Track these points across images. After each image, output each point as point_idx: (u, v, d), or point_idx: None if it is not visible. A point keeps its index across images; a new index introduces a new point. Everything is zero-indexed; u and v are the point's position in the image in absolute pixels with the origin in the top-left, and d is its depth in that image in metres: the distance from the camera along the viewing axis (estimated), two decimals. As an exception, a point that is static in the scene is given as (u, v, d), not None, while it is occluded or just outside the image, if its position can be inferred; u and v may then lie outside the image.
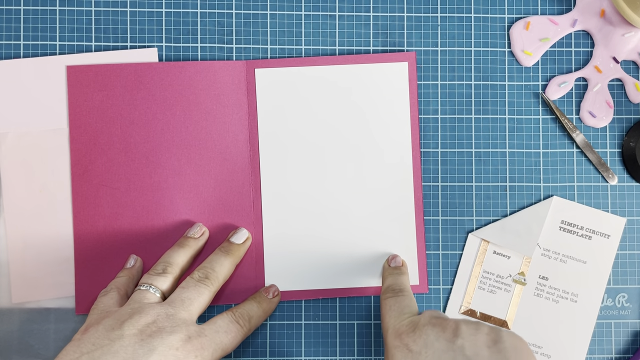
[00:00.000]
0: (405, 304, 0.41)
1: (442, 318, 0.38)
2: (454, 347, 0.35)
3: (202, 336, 0.39)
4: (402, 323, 0.38)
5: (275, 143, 0.48)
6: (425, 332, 0.36)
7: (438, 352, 0.35)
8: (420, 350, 0.36)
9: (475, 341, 0.36)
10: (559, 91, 0.49)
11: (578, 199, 0.49)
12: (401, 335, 0.37)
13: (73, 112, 0.47)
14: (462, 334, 0.36)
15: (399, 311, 0.40)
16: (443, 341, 0.36)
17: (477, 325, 0.37)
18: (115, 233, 0.46)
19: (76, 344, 0.37)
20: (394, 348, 0.37)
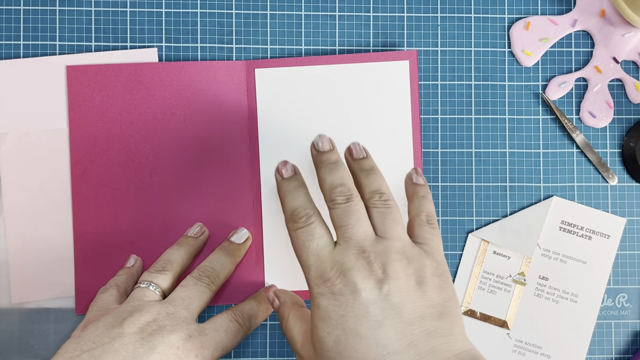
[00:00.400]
0: (318, 235, 0.36)
1: (367, 257, 0.34)
2: (381, 294, 0.33)
3: (203, 335, 0.39)
4: (324, 267, 0.35)
5: (275, 143, 0.48)
6: (352, 277, 0.34)
7: (366, 303, 0.33)
8: (347, 298, 0.34)
9: (401, 284, 0.34)
10: (559, 91, 0.49)
11: (578, 199, 0.49)
12: (325, 283, 0.34)
13: (73, 112, 0.47)
14: (389, 278, 0.34)
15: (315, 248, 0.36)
16: (370, 289, 0.33)
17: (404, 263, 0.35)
18: (115, 233, 0.46)
19: (76, 340, 0.37)
20: (319, 295, 0.34)
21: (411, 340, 0.33)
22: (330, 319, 0.34)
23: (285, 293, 0.42)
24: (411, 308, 0.33)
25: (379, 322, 0.33)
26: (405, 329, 0.33)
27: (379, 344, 0.33)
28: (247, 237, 0.46)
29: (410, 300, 0.34)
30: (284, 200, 0.39)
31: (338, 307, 0.34)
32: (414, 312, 0.33)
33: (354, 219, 0.36)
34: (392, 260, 0.34)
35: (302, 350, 0.37)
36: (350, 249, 0.35)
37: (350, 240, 0.35)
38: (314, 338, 0.35)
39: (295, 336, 0.38)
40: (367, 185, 0.38)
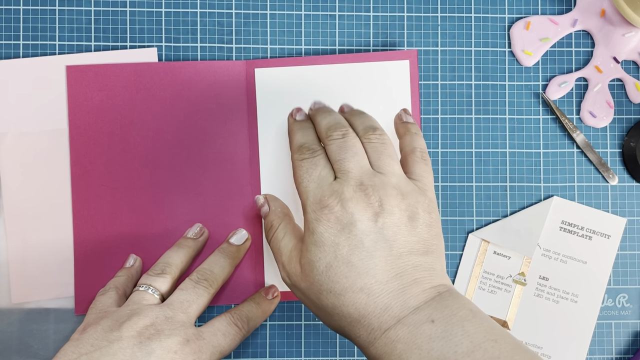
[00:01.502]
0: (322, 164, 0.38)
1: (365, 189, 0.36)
2: (376, 227, 0.35)
3: (200, 339, 0.39)
4: (324, 194, 0.36)
5: (275, 143, 0.47)
6: (350, 207, 0.35)
7: (361, 234, 0.35)
8: (343, 227, 0.35)
9: (395, 219, 0.35)
10: (559, 91, 0.49)
11: (578, 199, 0.49)
12: (323, 209, 0.35)
13: (73, 112, 0.47)
14: (385, 211, 0.35)
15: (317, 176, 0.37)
16: (366, 221, 0.35)
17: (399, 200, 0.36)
18: (115, 233, 0.46)
19: (75, 343, 0.37)
20: (315, 220, 0.36)
21: (398, 272, 0.35)
22: (324, 244, 0.35)
23: (277, 201, 0.42)
24: (401, 242, 0.35)
25: (371, 253, 0.35)
26: (394, 261, 0.35)
27: (368, 274, 0.34)
28: (247, 239, 0.46)
29: (402, 234, 0.35)
30: (294, 135, 0.40)
31: (333, 235, 0.35)
32: (404, 247, 0.35)
33: (350, 153, 0.37)
34: (389, 194, 0.36)
35: (288, 265, 0.38)
36: (349, 181, 0.36)
37: (348, 173, 0.37)
38: (304, 260, 0.36)
39: (282, 248, 0.39)
40: (361, 123, 0.40)
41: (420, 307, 0.34)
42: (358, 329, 0.35)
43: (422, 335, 0.33)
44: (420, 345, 0.33)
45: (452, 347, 0.32)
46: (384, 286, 0.34)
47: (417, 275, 0.35)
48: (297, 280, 0.37)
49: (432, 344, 0.33)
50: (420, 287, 0.35)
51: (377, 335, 0.34)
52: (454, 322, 0.33)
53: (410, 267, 0.35)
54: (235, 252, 0.45)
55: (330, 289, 0.35)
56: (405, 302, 0.34)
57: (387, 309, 0.34)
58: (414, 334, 0.33)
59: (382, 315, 0.34)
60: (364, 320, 0.35)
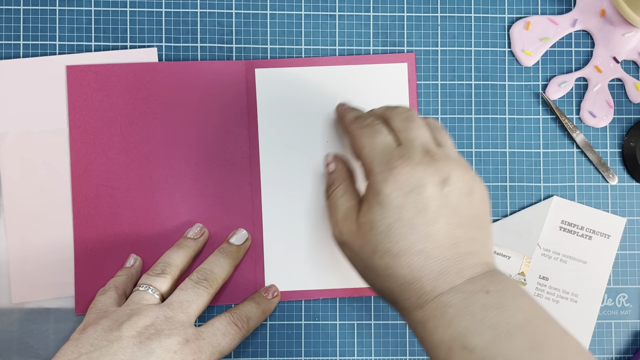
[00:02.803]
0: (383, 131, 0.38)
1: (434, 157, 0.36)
2: (442, 194, 0.36)
3: (200, 339, 0.39)
4: (390, 157, 0.37)
5: (275, 143, 0.48)
6: (419, 172, 0.36)
7: (427, 198, 0.35)
8: (411, 190, 0.35)
9: (459, 189, 0.36)
10: (559, 91, 0.49)
11: (578, 199, 0.49)
12: (391, 170, 0.36)
13: (73, 112, 0.47)
14: (451, 181, 0.36)
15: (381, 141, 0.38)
16: (433, 186, 0.36)
17: (462, 172, 0.37)
18: (115, 233, 0.46)
19: (74, 343, 0.37)
20: (383, 182, 0.36)
21: (456, 241, 0.35)
22: (389, 205, 0.35)
23: (343, 162, 0.42)
24: (462, 213, 0.36)
25: (434, 218, 0.35)
26: (454, 230, 0.36)
27: (430, 238, 0.35)
28: (247, 239, 0.46)
29: (463, 206, 0.36)
30: (347, 113, 0.42)
31: (400, 197, 0.35)
32: (464, 217, 0.36)
33: (416, 124, 0.38)
34: (453, 165, 0.37)
35: (343, 223, 0.39)
36: (417, 147, 0.37)
37: (414, 140, 0.37)
38: (364, 219, 0.37)
39: (339, 205, 0.40)
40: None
41: (475, 278, 0.35)
42: (408, 292, 0.35)
43: (476, 303, 0.33)
44: (474, 312, 0.33)
45: (506, 318, 0.33)
46: (442, 252, 0.35)
47: (473, 248, 0.36)
48: (351, 239, 0.38)
49: (486, 313, 0.33)
50: (475, 259, 0.35)
51: (428, 299, 0.35)
52: (508, 297, 0.34)
53: (468, 238, 0.36)
54: (235, 252, 0.45)
55: (387, 249, 0.35)
56: (461, 271, 0.35)
57: (442, 274, 0.35)
58: (468, 301, 0.34)
59: (437, 280, 0.35)
60: (416, 283, 0.35)
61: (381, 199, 0.36)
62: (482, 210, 0.37)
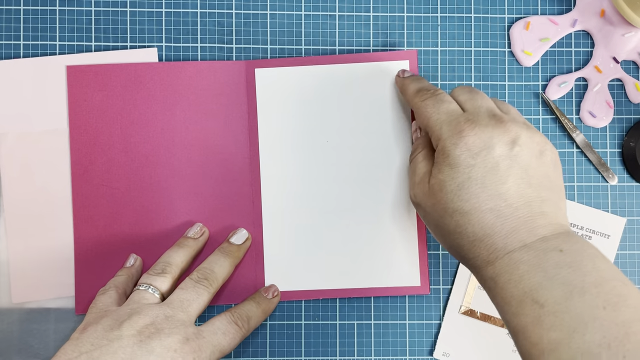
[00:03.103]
0: (447, 100, 0.40)
1: (501, 119, 0.37)
2: (511, 154, 0.36)
3: (200, 338, 0.39)
4: (458, 121, 0.38)
5: (275, 143, 0.48)
6: (487, 133, 0.37)
7: (497, 157, 0.36)
8: (480, 150, 0.36)
9: (528, 150, 0.37)
10: (559, 91, 0.49)
11: (578, 199, 0.49)
12: (460, 133, 0.37)
13: (73, 112, 0.47)
14: (520, 141, 0.37)
15: (446, 109, 0.39)
16: (502, 146, 0.36)
17: (532, 132, 0.38)
18: (115, 233, 0.46)
19: (74, 342, 0.37)
20: (452, 144, 0.37)
21: (527, 200, 0.36)
22: (459, 165, 0.37)
23: (426, 136, 0.43)
24: (533, 173, 0.37)
25: (504, 177, 0.36)
26: (525, 189, 0.36)
27: (500, 196, 0.36)
28: (247, 238, 0.46)
29: (533, 166, 0.37)
30: (408, 86, 0.43)
31: (469, 157, 0.36)
32: (535, 178, 0.36)
33: (480, 95, 0.40)
34: (522, 127, 0.38)
35: (418, 186, 0.40)
36: (483, 112, 0.38)
37: (480, 107, 0.39)
38: (434, 180, 0.38)
39: (417, 169, 0.41)
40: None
41: (548, 237, 0.35)
42: (478, 248, 0.36)
43: (549, 261, 0.33)
44: (546, 269, 0.33)
45: (580, 276, 0.32)
46: (513, 211, 0.35)
47: (545, 208, 0.36)
48: (423, 199, 0.39)
49: (559, 270, 0.33)
50: (547, 219, 0.36)
51: (499, 255, 0.35)
52: (583, 256, 0.33)
53: (539, 199, 0.36)
54: (236, 252, 0.45)
55: (458, 208, 0.36)
56: (533, 229, 0.35)
57: (513, 231, 0.35)
58: (540, 258, 0.34)
59: (508, 237, 0.35)
60: (487, 240, 0.36)
61: (451, 161, 0.37)
62: (554, 172, 0.38)
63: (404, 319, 0.48)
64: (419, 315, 0.48)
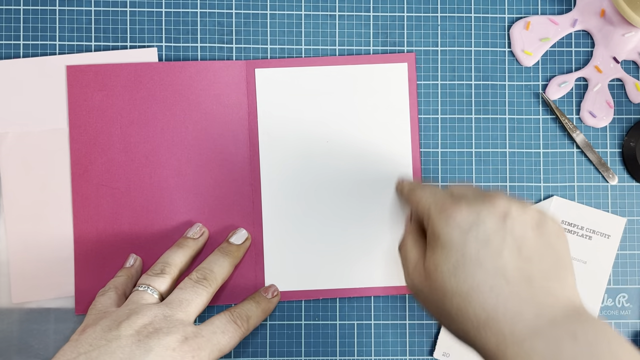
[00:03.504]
0: (435, 188, 0.40)
1: (489, 194, 0.37)
2: (504, 227, 0.35)
3: (199, 337, 0.39)
4: (445, 200, 0.37)
5: (275, 143, 0.48)
6: (476, 208, 0.35)
7: (489, 232, 0.35)
8: (470, 226, 0.35)
9: (523, 222, 0.35)
10: (559, 91, 0.49)
11: (578, 199, 0.49)
12: (447, 210, 0.36)
13: (73, 112, 0.47)
14: (512, 214, 0.35)
15: (433, 192, 0.39)
16: (493, 219, 0.35)
17: (524, 205, 0.36)
18: (115, 233, 0.46)
19: (74, 344, 0.37)
20: (441, 223, 0.36)
21: (528, 276, 0.34)
22: (451, 245, 0.35)
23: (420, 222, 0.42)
24: (530, 245, 0.34)
25: (499, 251, 0.34)
26: (524, 264, 0.34)
27: (497, 273, 0.34)
28: (246, 238, 0.46)
29: (530, 238, 0.35)
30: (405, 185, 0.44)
31: (460, 234, 0.35)
32: (533, 250, 0.34)
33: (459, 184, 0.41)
34: (510, 201, 0.36)
35: (413, 272, 0.38)
36: (469, 191, 0.38)
37: (467, 188, 0.39)
38: (428, 263, 0.36)
39: (410, 257, 0.39)
40: None
41: (559, 320, 0.32)
42: (486, 334, 0.33)
43: (563, 352, 0.31)
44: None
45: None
46: (513, 288, 0.33)
47: (549, 284, 0.34)
48: (421, 285, 0.37)
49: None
50: (553, 297, 0.33)
51: (508, 344, 0.32)
52: (599, 343, 0.31)
53: (541, 274, 0.34)
54: (235, 252, 0.45)
55: (456, 290, 0.34)
56: (540, 311, 0.33)
57: (518, 315, 0.33)
58: (554, 349, 0.31)
59: (514, 322, 0.32)
60: (492, 324, 0.33)
61: (442, 241, 0.35)
62: (557, 242, 0.35)
63: (404, 319, 0.48)
64: (419, 315, 0.48)
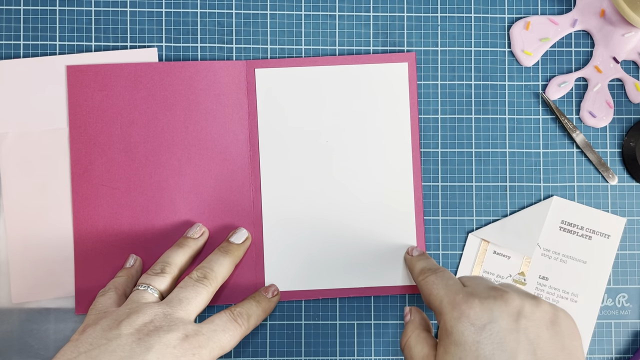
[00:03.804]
0: (447, 276, 0.40)
1: (501, 290, 0.36)
2: (518, 327, 0.34)
3: (200, 335, 0.39)
4: (458, 295, 0.37)
5: (275, 143, 0.48)
6: (488, 305, 0.35)
7: (503, 332, 0.34)
8: (484, 325, 0.34)
9: (536, 321, 0.35)
10: (559, 91, 0.49)
11: (578, 199, 0.49)
12: (460, 307, 0.35)
13: (73, 112, 0.47)
14: (525, 312, 0.35)
15: (445, 284, 0.38)
16: (507, 318, 0.35)
17: (537, 302, 0.36)
18: (115, 233, 0.46)
19: (74, 344, 0.37)
20: (454, 320, 0.35)
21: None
22: (465, 343, 0.34)
23: (419, 313, 0.42)
24: (545, 346, 0.34)
25: (514, 354, 0.34)
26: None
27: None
28: (247, 237, 0.46)
29: (544, 339, 0.34)
30: (415, 264, 0.44)
31: (474, 333, 0.34)
32: (548, 352, 0.34)
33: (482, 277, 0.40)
34: (523, 298, 0.36)
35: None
36: (482, 285, 0.37)
37: (480, 282, 0.38)
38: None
39: (415, 354, 0.38)
40: None
41: None
42: None
43: None
44: None
45: None
46: None
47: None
48: None
49: None
50: None
51: None
52: None
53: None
54: (235, 251, 0.45)
55: None
56: None
57: None
58: None
59: None
60: None
61: (456, 339, 0.35)
62: (571, 343, 0.35)
63: (404, 319, 0.48)
64: (419, 315, 0.48)
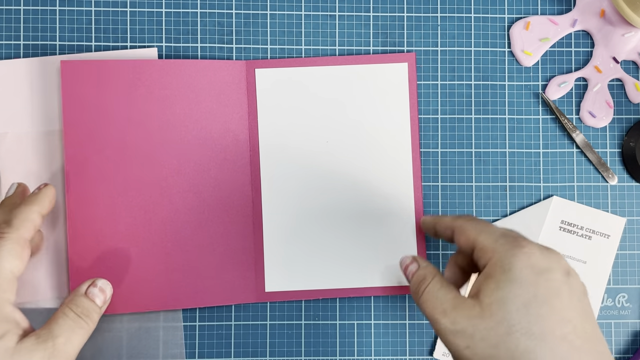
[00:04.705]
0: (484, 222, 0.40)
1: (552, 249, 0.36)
2: (569, 282, 0.35)
3: None
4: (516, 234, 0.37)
5: (275, 143, 0.48)
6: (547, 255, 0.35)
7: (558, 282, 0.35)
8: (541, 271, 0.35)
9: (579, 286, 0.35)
10: (559, 91, 0.49)
11: (578, 199, 0.49)
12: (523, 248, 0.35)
13: (67, 108, 0.46)
14: (572, 273, 0.35)
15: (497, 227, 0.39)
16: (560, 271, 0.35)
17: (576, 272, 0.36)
18: (111, 233, 0.46)
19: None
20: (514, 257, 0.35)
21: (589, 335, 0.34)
22: (523, 282, 0.34)
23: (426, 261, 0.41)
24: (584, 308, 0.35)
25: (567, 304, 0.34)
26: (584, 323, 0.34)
27: (570, 322, 0.34)
28: (17, 186, 0.43)
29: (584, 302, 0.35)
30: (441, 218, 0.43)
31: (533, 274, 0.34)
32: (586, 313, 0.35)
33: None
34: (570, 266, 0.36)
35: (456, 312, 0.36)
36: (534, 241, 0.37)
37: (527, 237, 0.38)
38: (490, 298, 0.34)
39: (441, 297, 0.37)
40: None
41: None
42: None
43: None
44: None
45: None
46: (583, 343, 0.33)
47: (601, 348, 0.34)
48: (472, 324, 0.34)
49: None
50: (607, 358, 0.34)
51: None
52: None
53: (596, 333, 0.34)
54: (8, 200, 0.42)
55: (526, 330, 0.33)
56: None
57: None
58: None
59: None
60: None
61: (513, 276, 0.34)
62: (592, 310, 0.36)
63: (404, 319, 0.48)
64: (419, 315, 0.48)
